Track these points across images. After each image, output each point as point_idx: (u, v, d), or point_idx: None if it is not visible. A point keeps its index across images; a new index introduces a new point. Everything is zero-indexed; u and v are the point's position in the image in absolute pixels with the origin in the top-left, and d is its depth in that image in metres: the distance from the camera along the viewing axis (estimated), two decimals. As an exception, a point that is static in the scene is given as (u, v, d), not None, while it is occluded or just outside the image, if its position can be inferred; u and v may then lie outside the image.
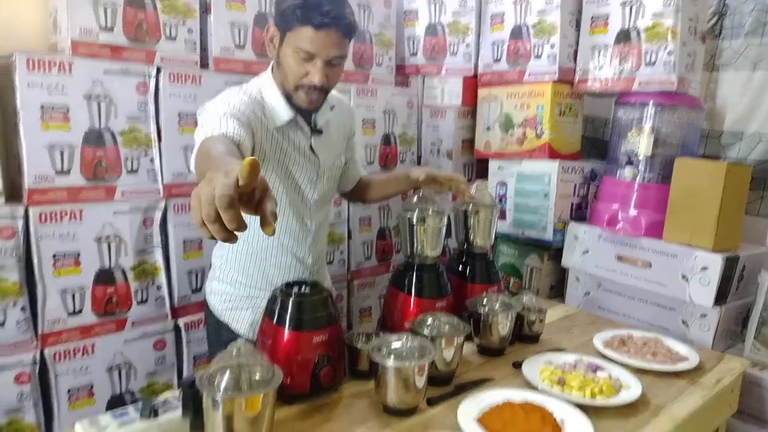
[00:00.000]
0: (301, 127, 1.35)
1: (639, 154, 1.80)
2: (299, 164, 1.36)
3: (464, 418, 1.09)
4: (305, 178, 1.38)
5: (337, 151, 1.48)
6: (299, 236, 1.43)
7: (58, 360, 1.50)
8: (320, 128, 1.38)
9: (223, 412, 0.89)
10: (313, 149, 1.38)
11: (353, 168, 1.62)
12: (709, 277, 1.58)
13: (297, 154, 1.35)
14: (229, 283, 1.44)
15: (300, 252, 1.45)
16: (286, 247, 1.42)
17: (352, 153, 1.59)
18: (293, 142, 1.34)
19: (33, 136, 1.39)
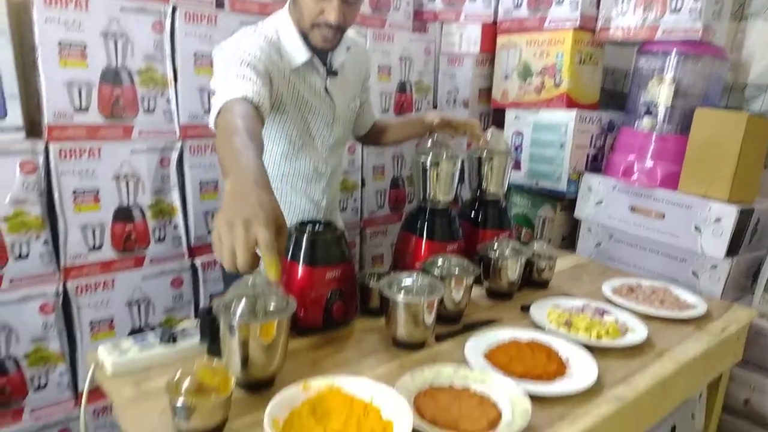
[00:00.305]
0: (317, 68, 1.33)
1: (658, 105, 1.77)
2: (314, 107, 1.35)
3: (471, 352, 1.12)
4: (320, 121, 1.38)
5: (352, 93, 1.47)
6: (313, 179, 1.45)
7: (80, 293, 1.55)
8: (336, 70, 1.37)
9: (239, 337, 0.93)
10: (329, 91, 1.37)
11: (368, 111, 1.61)
12: (722, 228, 1.58)
13: (312, 96, 1.34)
14: None
15: (314, 195, 1.46)
16: (300, 190, 1.44)
17: (367, 96, 1.59)
18: (309, 84, 1.33)
19: (51, 73, 1.40)
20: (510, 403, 0.95)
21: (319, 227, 1.22)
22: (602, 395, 1.04)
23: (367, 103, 1.60)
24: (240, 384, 0.97)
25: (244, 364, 0.94)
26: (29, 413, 1.50)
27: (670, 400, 1.24)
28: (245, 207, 0.75)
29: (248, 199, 0.76)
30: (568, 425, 0.94)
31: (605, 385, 1.08)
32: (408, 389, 0.96)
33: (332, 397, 0.91)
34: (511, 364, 1.09)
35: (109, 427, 1.64)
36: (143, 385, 1.00)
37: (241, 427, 0.89)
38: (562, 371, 1.09)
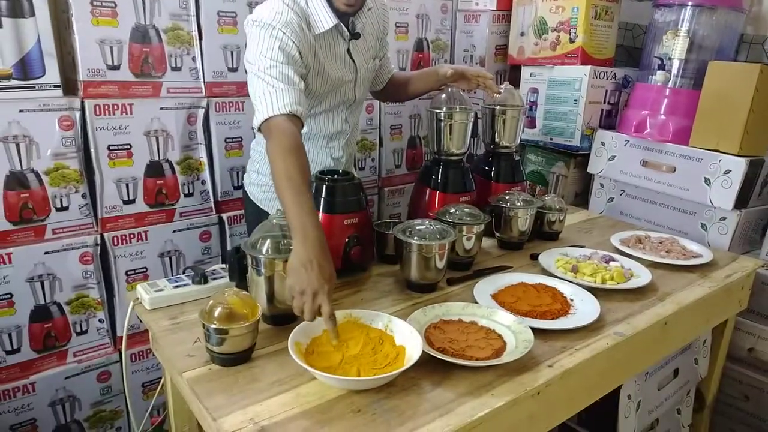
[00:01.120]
0: (341, 32, 1.36)
1: (673, 58, 1.78)
2: (337, 69, 1.38)
3: (480, 292, 1.20)
4: (343, 84, 1.41)
5: (372, 53, 1.50)
6: (334, 137, 1.51)
7: (116, 244, 1.65)
8: (358, 32, 1.39)
9: (265, 273, 1.02)
10: (351, 54, 1.40)
11: (385, 66, 1.63)
12: (731, 179, 1.61)
13: (335, 60, 1.37)
14: (267, 175, 1.51)
15: (334, 151, 1.53)
16: (321, 147, 1.51)
17: (384, 51, 1.60)
18: (333, 49, 1.36)
19: (84, 31, 1.48)
20: (514, 335, 1.03)
21: (337, 176, 1.29)
22: (602, 332, 1.11)
23: (385, 57, 1.61)
24: (266, 318, 1.07)
25: (270, 298, 1.04)
26: (72, 356, 1.63)
27: (670, 341, 1.31)
28: (315, 278, 0.96)
29: (317, 270, 0.97)
30: (568, 356, 1.02)
31: (606, 323, 1.15)
32: (419, 322, 1.04)
33: (350, 326, 0.99)
34: (518, 303, 1.16)
35: (144, 371, 1.77)
36: (178, 318, 1.10)
37: (268, 353, 0.99)
38: (566, 310, 1.16)
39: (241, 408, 0.83)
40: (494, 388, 0.91)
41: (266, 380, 0.90)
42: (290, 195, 1.04)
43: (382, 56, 1.60)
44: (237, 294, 0.95)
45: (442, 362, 0.94)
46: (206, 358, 0.95)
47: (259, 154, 1.55)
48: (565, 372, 0.97)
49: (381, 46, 1.56)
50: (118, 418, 1.72)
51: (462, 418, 0.83)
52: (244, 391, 0.87)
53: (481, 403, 0.87)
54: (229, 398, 0.86)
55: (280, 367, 0.94)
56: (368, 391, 0.88)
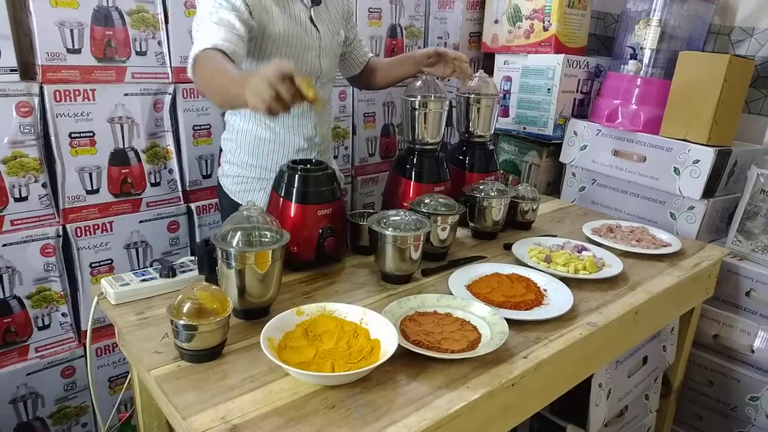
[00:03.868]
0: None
1: (644, 48, 1.80)
2: (300, 37, 1.36)
3: (454, 284, 1.19)
4: (307, 52, 1.39)
5: (336, 26, 1.48)
6: (304, 113, 1.46)
7: (80, 235, 1.60)
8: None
9: (235, 266, 0.99)
10: (314, 21, 1.39)
11: (359, 48, 1.63)
12: (699, 169, 1.64)
13: (297, 26, 1.36)
14: (241, 166, 1.50)
15: (306, 131, 1.48)
16: (291, 127, 1.46)
17: (354, 34, 1.60)
18: (293, 13, 1.35)
19: (42, 12, 1.41)
20: (489, 326, 1.02)
21: (311, 165, 1.27)
22: (575, 322, 1.12)
23: (356, 40, 1.61)
24: (237, 313, 1.04)
25: (241, 292, 1.01)
26: (34, 351, 1.57)
27: (641, 329, 1.33)
28: (263, 72, 0.92)
29: (260, 72, 0.93)
30: (542, 347, 1.02)
31: (579, 313, 1.15)
32: (395, 314, 1.03)
33: (324, 321, 0.98)
34: (492, 294, 1.16)
35: (111, 365, 1.72)
36: (145, 313, 1.06)
37: (239, 348, 0.96)
38: (539, 300, 1.16)
39: (211, 406, 0.81)
40: (470, 380, 0.90)
41: (237, 377, 0.88)
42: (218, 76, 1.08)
43: (353, 38, 1.58)
44: (207, 288, 0.92)
45: (418, 355, 0.93)
46: (175, 355, 0.92)
47: (231, 143, 1.51)
48: (539, 363, 0.98)
49: (349, 27, 1.55)
50: (83, 414, 1.68)
51: (438, 412, 0.82)
52: (215, 389, 0.85)
53: (457, 396, 0.86)
54: (199, 396, 0.83)
55: (251, 363, 0.91)
56: (343, 386, 0.86)
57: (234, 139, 1.49)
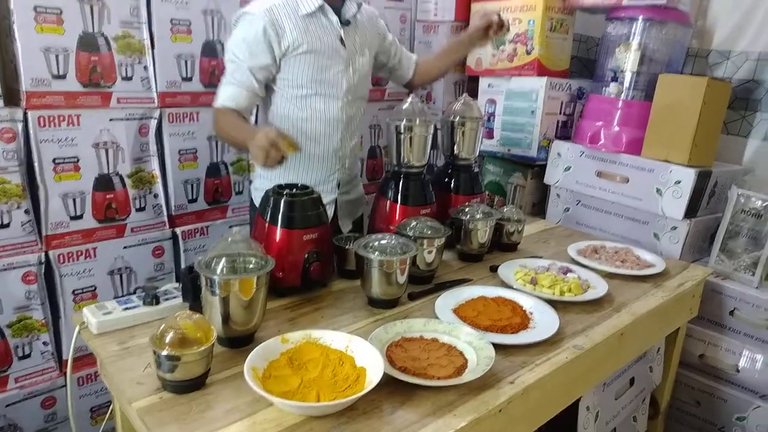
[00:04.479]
0: (329, 17, 1.47)
1: (625, 71, 1.83)
2: (328, 52, 1.47)
3: (441, 308, 1.19)
4: (334, 67, 1.49)
5: (365, 47, 1.58)
6: (330, 126, 1.53)
7: (63, 262, 1.58)
8: (348, 20, 1.50)
9: (219, 293, 0.98)
10: (343, 40, 1.49)
11: (404, 57, 1.76)
12: (681, 189, 1.66)
13: (325, 41, 1.46)
14: (271, 180, 1.54)
15: (332, 144, 1.55)
16: (318, 139, 1.53)
17: (396, 47, 1.73)
18: (322, 30, 1.46)
19: (28, 39, 1.41)
20: (475, 351, 1.02)
21: (296, 190, 1.27)
22: (562, 345, 1.12)
23: (399, 51, 1.75)
24: (221, 341, 1.03)
25: (225, 320, 1.00)
26: (14, 382, 1.54)
27: (627, 351, 1.33)
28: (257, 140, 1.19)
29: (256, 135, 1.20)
30: (528, 371, 1.02)
31: (565, 336, 1.15)
32: (381, 340, 1.03)
33: (309, 348, 0.97)
34: (478, 317, 1.16)
35: (93, 395, 1.69)
36: (128, 343, 1.05)
37: (223, 378, 0.95)
38: (525, 324, 1.16)
39: (194, 438, 0.80)
40: (456, 408, 0.90)
41: (221, 408, 0.87)
42: (231, 130, 1.40)
43: (395, 52, 1.73)
44: (190, 317, 0.91)
45: (404, 382, 0.92)
46: (157, 386, 0.91)
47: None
48: (526, 388, 0.97)
49: (388, 44, 1.70)
50: (64, 445, 1.64)
51: (424, 441, 0.81)
52: (198, 420, 0.84)
53: (444, 425, 0.85)
54: (182, 428, 0.82)
55: (235, 393, 0.90)
56: (328, 416, 0.85)
57: None
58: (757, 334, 1.61)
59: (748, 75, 1.88)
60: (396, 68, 1.75)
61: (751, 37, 1.87)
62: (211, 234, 1.89)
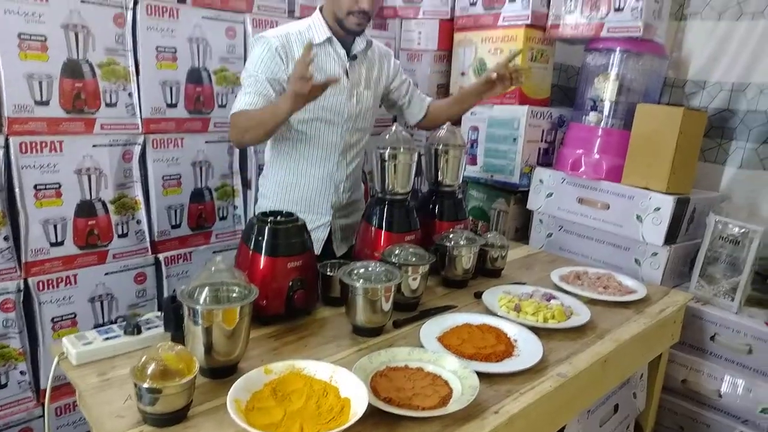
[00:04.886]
0: (336, 50, 1.57)
1: (604, 100, 1.88)
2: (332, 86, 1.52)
3: (425, 336, 1.19)
4: (337, 96, 1.57)
5: (373, 82, 1.67)
6: (327, 150, 1.62)
7: (42, 289, 1.55)
8: (355, 54, 1.60)
9: (202, 323, 0.97)
10: (347, 72, 1.59)
11: (417, 97, 1.83)
12: (661, 216, 1.69)
13: (328, 73, 1.55)
14: (272, 199, 1.66)
15: (327, 167, 1.64)
16: (313, 161, 1.62)
17: (407, 87, 1.80)
18: (328, 60, 1.56)
19: (11, 65, 1.41)
20: (460, 380, 1.02)
21: (280, 218, 1.26)
22: (546, 373, 1.12)
23: (412, 90, 1.81)
24: (204, 371, 1.01)
25: (208, 350, 0.99)
26: (-11, 411, 1.51)
27: (610, 378, 1.34)
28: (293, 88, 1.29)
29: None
30: (513, 401, 1.02)
31: (549, 363, 1.16)
32: (365, 370, 1.02)
33: (293, 379, 0.96)
34: (463, 345, 1.16)
35: (71, 425, 1.65)
36: (108, 374, 1.03)
37: (205, 410, 0.93)
38: (510, 352, 1.17)
39: (175, 474, 0.78)
40: (441, 439, 0.89)
41: (203, 441, 0.85)
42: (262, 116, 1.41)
43: (407, 90, 1.80)
44: (172, 349, 0.90)
45: (389, 413, 0.92)
46: (138, 418, 0.89)
47: (266, 179, 1.70)
48: (510, 417, 0.97)
49: (400, 81, 1.78)
50: (40, 478, 1.59)
51: (409, 474, 0.81)
52: (179, 455, 0.82)
53: (428, 456, 0.85)
54: (163, 463, 0.80)
55: (218, 426, 0.89)
56: (312, 448, 0.84)
57: (268, 175, 1.68)
58: (737, 359, 1.63)
59: (723, 104, 1.94)
60: (406, 108, 1.82)
61: (724, 68, 1.93)
62: (195, 260, 1.87)
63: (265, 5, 1.90)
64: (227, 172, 1.93)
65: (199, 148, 1.82)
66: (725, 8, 1.91)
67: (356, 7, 1.49)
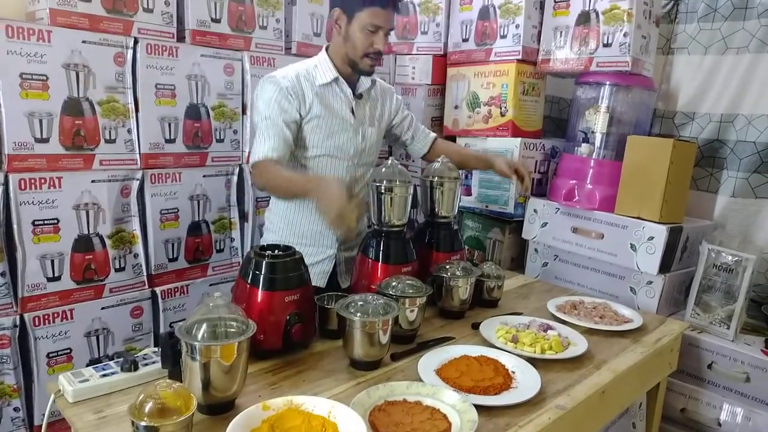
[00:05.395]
0: (342, 89, 1.60)
1: (595, 132, 1.92)
2: (338, 119, 1.60)
3: (423, 369, 1.19)
4: (344, 134, 1.61)
5: (377, 120, 1.71)
6: None
7: (38, 324, 1.54)
8: (361, 93, 1.64)
9: (200, 359, 0.97)
10: (353, 111, 1.62)
11: (420, 132, 1.86)
12: (654, 246, 1.71)
13: (336, 110, 1.59)
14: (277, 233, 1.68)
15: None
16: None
17: (409, 122, 1.83)
18: (335, 99, 1.60)
19: (12, 104, 1.42)
20: (458, 414, 1.02)
21: (278, 251, 1.27)
22: (544, 405, 1.12)
23: (415, 126, 1.85)
24: (201, 408, 1.01)
25: (206, 386, 0.98)
26: (-19, 450, 1.48)
27: (609, 408, 1.34)
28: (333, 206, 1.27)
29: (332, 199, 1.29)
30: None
31: (547, 395, 1.16)
32: (363, 405, 1.02)
33: (291, 415, 0.95)
34: (461, 378, 1.16)
35: (65, 462, 1.63)
36: (105, 411, 1.02)
37: (203, 447, 0.93)
38: (508, 384, 1.17)
39: None
40: (440, 474, 0.89)
41: (201, 480, 0.85)
42: (283, 182, 1.46)
43: (409, 125, 1.83)
44: (169, 386, 0.89)
45: (387, 449, 0.91)
46: (135, 457, 0.88)
47: (272, 213, 1.73)
48: (510, 452, 0.97)
49: (403, 117, 1.81)
50: None
51: None
52: (177, 495, 0.81)
53: (427, 493, 0.84)
54: (160, 503, 0.79)
55: (216, 463, 0.88)
56: (310, 486, 0.84)
57: (273, 209, 1.72)
58: (735, 387, 1.62)
59: (712, 135, 1.98)
60: (409, 143, 1.86)
61: (712, 100, 1.98)
62: (191, 293, 1.87)
63: (263, 43, 1.95)
64: (224, 205, 1.94)
65: (197, 182, 1.84)
66: (710, 43, 1.97)
67: (372, 49, 1.53)
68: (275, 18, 1.97)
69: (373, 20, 1.49)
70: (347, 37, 1.53)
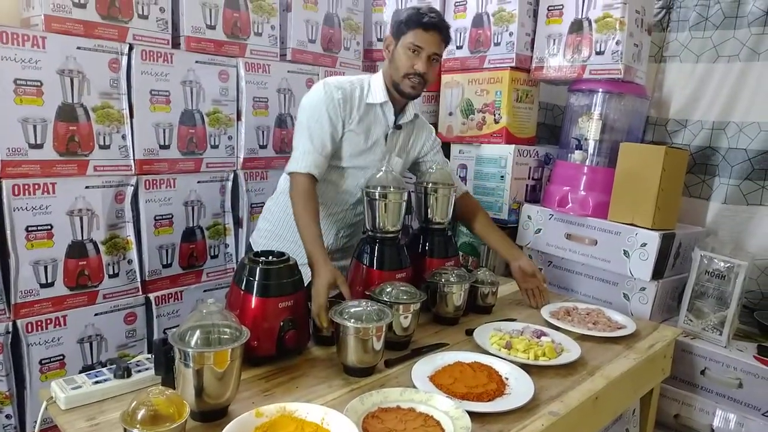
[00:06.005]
0: (386, 114, 1.65)
1: (588, 139, 1.93)
2: (369, 144, 1.64)
3: (417, 375, 1.19)
4: (372, 154, 1.65)
5: (405, 152, 1.75)
6: (340, 195, 1.68)
7: (30, 331, 1.54)
8: (400, 125, 1.68)
9: (193, 366, 0.97)
10: (387, 138, 1.66)
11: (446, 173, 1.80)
12: (647, 252, 1.72)
13: (372, 131, 1.63)
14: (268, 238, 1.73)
15: (334, 209, 1.69)
16: (324, 201, 1.65)
17: (439, 159, 1.83)
18: (375, 120, 1.64)
19: (6, 110, 1.43)
20: (452, 421, 1.02)
21: (272, 258, 1.27)
22: (537, 412, 1.12)
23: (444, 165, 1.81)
24: (194, 415, 1.01)
25: (199, 393, 0.98)
26: (-27, 457, 1.47)
27: (602, 414, 1.34)
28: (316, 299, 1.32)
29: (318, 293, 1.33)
30: (505, 440, 1.02)
31: (541, 402, 1.16)
32: (357, 412, 1.02)
33: (284, 422, 0.95)
34: (455, 385, 1.16)
35: (57, 469, 1.62)
36: (98, 419, 1.02)
37: (196, 454, 0.93)
38: (501, 390, 1.17)
39: None
40: (433, 481, 0.89)
41: (193, 488, 0.84)
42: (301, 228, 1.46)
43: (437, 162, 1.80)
44: (162, 393, 0.89)
45: (381, 455, 0.91)
46: (127, 465, 0.88)
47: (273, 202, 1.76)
48: (503, 458, 0.97)
49: (433, 153, 1.82)
50: None
51: None
52: (169, 502, 0.81)
53: (420, 499, 0.84)
54: None
55: (208, 471, 0.88)
56: (303, 493, 0.84)
57: (278, 200, 1.73)
58: (728, 393, 1.63)
59: (704, 142, 1.99)
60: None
61: (704, 108, 1.99)
62: (185, 299, 1.87)
63: (258, 50, 1.95)
64: (219, 211, 1.94)
65: (191, 188, 1.84)
66: (702, 51, 1.99)
67: (412, 70, 1.55)
68: (270, 25, 1.98)
69: (414, 40, 1.54)
70: (392, 59, 1.59)
